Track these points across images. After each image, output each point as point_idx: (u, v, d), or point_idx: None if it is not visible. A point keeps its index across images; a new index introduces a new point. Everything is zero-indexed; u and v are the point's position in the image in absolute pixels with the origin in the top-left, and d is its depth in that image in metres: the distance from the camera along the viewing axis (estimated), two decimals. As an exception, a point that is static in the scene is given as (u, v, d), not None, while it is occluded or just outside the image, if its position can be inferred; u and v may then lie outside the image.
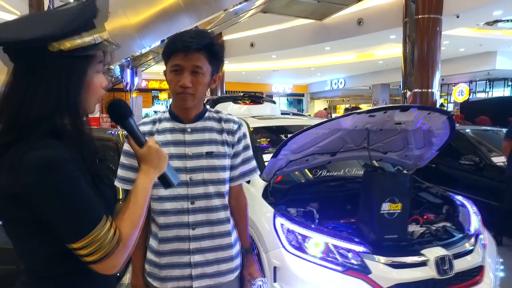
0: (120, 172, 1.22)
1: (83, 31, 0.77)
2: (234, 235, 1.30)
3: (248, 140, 1.32)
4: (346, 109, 7.95)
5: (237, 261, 1.30)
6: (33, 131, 0.73)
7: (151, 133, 1.21)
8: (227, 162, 1.24)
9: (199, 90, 1.17)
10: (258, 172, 1.36)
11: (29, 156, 0.71)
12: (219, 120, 1.27)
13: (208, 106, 1.32)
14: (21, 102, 0.74)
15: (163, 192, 1.17)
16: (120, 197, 1.98)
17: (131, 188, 1.19)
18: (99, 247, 0.73)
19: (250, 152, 1.33)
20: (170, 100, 1.30)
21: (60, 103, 0.76)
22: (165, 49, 1.18)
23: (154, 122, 1.24)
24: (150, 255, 1.23)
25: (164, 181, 0.91)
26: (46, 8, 7.21)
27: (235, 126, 1.27)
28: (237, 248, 1.31)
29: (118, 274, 1.62)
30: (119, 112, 0.88)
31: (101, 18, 0.82)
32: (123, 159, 1.23)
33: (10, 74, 0.77)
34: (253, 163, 1.34)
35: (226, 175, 1.24)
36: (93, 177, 0.79)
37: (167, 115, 1.25)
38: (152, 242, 1.23)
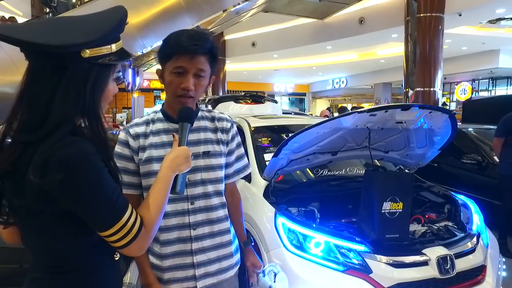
0: None
1: (116, 41, 0.82)
2: (232, 231, 1.32)
3: (239, 138, 1.34)
4: (340, 109, 7.92)
5: (237, 257, 1.32)
6: (58, 129, 0.77)
7: (145, 135, 1.19)
8: (223, 160, 1.25)
9: (199, 93, 1.18)
10: (250, 169, 1.38)
11: (58, 154, 0.74)
12: (212, 119, 1.28)
13: (210, 106, 1.32)
14: (48, 103, 0.77)
15: None
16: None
17: (124, 191, 1.19)
18: (127, 233, 0.80)
19: (242, 149, 1.35)
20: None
21: (85, 106, 0.81)
22: (165, 49, 1.15)
23: (147, 123, 1.22)
24: (152, 259, 1.22)
25: (173, 184, 0.96)
26: (47, 9, 7.21)
27: (228, 124, 1.29)
28: (236, 244, 1.32)
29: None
30: (187, 116, 1.09)
31: None
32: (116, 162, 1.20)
33: (29, 73, 0.80)
34: (246, 160, 1.37)
35: (222, 173, 1.26)
36: (111, 175, 0.83)
37: (160, 115, 1.23)
38: (153, 246, 1.22)
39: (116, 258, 0.91)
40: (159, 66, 1.22)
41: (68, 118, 0.78)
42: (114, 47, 0.82)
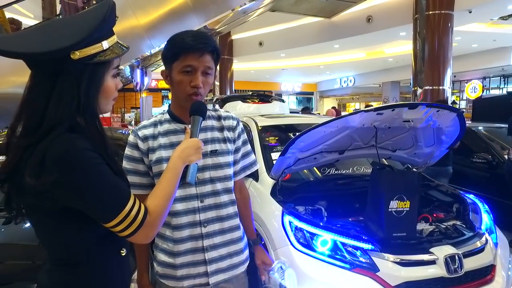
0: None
1: (105, 39, 0.82)
2: (241, 228, 1.34)
3: (245, 135, 1.37)
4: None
5: (246, 253, 1.34)
6: (53, 131, 0.78)
7: (153, 136, 1.22)
8: (230, 158, 1.28)
9: (207, 90, 1.21)
10: (258, 165, 1.40)
11: (51, 152, 0.76)
12: (219, 118, 1.30)
13: (217, 106, 1.35)
14: (44, 108, 0.79)
15: None
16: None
17: (135, 192, 1.22)
18: (131, 222, 0.81)
19: (249, 146, 1.37)
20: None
21: (79, 106, 0.82)
22: (172, 49, 1.17)
23: (155, 124, 1.25)
24: (163, 257, 1.25)
25: (183, 173, 0.98)
26: (58, 11, 7.32)
27: (235, 122, 1.32)
28: (245, 240, 1.35)
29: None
30: (199, 110, 1.09)
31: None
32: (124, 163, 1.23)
33: (30, 79, 0.82)
34: (253, 157, 1.38)
35: (231, 171, 1.28)
36: (115, 173, 0.84)
37: (167, 116, 1.26)
38: (164, 244, 1.24)
39: (123, 254, 0.92)
40: (164, 67, 1.25)
41: (63, 119, 0.79)
42: (106, 44, 0.82)
